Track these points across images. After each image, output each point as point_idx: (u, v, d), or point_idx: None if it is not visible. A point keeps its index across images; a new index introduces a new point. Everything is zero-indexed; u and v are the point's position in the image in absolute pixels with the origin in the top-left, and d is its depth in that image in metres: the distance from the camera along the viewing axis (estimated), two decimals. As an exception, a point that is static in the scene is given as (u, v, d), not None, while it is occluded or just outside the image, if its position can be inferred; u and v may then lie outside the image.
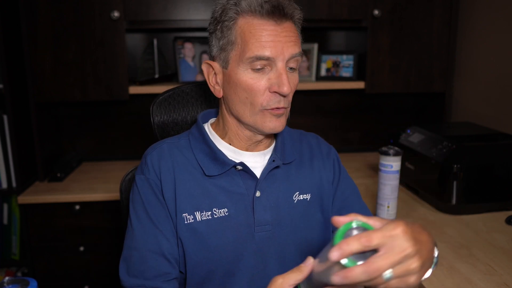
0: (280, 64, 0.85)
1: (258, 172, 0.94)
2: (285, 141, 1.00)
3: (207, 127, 1.00)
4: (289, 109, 0.92)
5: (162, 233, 0.89)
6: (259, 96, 0.86)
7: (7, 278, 0.73)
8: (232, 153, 0.95)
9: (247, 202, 0.92)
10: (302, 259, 0.95)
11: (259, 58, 0.84)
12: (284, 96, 0.87)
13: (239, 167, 0.92)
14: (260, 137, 0.94)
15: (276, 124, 0.89)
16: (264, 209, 0.92)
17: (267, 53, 0.84)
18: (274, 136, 1.01)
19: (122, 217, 1.15)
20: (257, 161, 0.95)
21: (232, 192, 0.92)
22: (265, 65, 0.86)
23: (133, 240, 0.91)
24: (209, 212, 0.90)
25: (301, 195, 0.97)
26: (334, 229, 1.02)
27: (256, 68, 0.86)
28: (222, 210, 0.91)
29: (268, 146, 0.98)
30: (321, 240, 0.99)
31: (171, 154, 0.94)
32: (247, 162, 0.93)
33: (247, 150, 0.95)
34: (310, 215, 0.97)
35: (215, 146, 0.94)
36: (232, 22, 0.86)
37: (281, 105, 0.88)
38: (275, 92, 0.86)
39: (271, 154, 0.96)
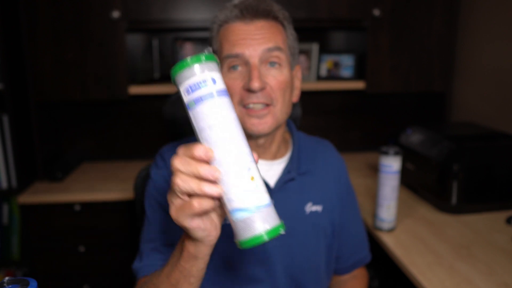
0: (252, 61, 0.85)
1: (272, 181, 0.94)
2: (301, 149, 1.00)
3: None
4: (278, 108, 0.88)
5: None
6: (236, 95, 0.87)
7: (7, 278, 0.73)
8: None
9: None
10: (309, 269, 0.95)
11: (229, 56, 0.86)
12: (254, 91, 0.85)
13: None
14: (260, 141, 0.93)
15: (259, 126, 0.87)
16: None
17: (235, 50, 0.85)
18: (290, 144, 1.00)
19: (137, 215, 1.14)
20: (270, 170, 0.95)
21: None
22: (238, 64, 0.86)
23: (149, 231, 0.92)
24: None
25: (314, 206, 0.97)
26: (340, 242, 1.03)
27: (231, 67, 0.87)
28: None
29: (283, 155, 0.97)
30: (325, 254, 0.99)
31: None
32: (260, 170, 0.93)
33: (259, 158, 0.95)
34: (320, 226, 0.97)
35: None
36: (215, 34, 0.90)
37: (258, 100, 0.86)
38: (248, 89, 0.85)
39: (287, 164, 0.96)
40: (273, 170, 0.95)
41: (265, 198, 0.55)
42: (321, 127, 2.42)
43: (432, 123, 2.26)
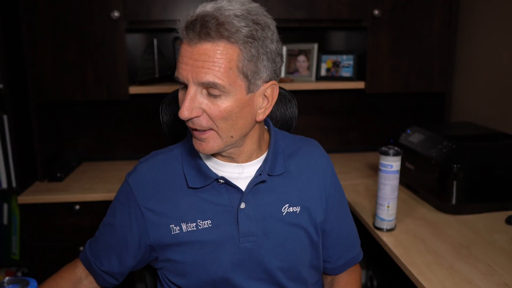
0: (190, 87, 0.80)
1: (244, 183, 0.93)
2: (278, 150, 0.97)
3: None
4: (221, 132, 0.84)
5: (116, 249, 0.98)
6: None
7: (7, 278, 0.73)
8: (216, 165, 0.94)
9: (231, 213, 0.92)
10: (288, 271, 0.95)
11: (177, 78, 0.83)
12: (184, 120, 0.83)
13: (221, 181, 0.92)
14: (224, 153, 0.92)
15: (200, 147, 0.86)
16: (249, 220, 0.92)
17: (178, 73, 0.82)
18: (267, 145, 0.98)
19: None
20: (243, 172, 0.94)
21: (216, 204, 0.92)
22: (182, 85, 0.84)
23: (102, 231, 1.02)
24: (194, 224, 0.91)
25: (291, 208, 0.95)
26: (324, 243, 1.03)
27: (181, 87, 0.85)
28: (206, 221, 0.91)
29: (258, 156, 0.95)
30: (309, 253, 0.98)
31: (161, 166, 0.96)
32: (232, 173, 0.93)
33: (230, 161, 0.94)
34: (299, 228, 0.96)
35: (200, 158, 0.94)
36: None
37: (193, 125, 0.84)
38: None
39: (260, 166, 0.94)
40: (246, 172, 0.94)
41: None
42: (321, 127, 2.42)
43: (432, 123, 2.26)
